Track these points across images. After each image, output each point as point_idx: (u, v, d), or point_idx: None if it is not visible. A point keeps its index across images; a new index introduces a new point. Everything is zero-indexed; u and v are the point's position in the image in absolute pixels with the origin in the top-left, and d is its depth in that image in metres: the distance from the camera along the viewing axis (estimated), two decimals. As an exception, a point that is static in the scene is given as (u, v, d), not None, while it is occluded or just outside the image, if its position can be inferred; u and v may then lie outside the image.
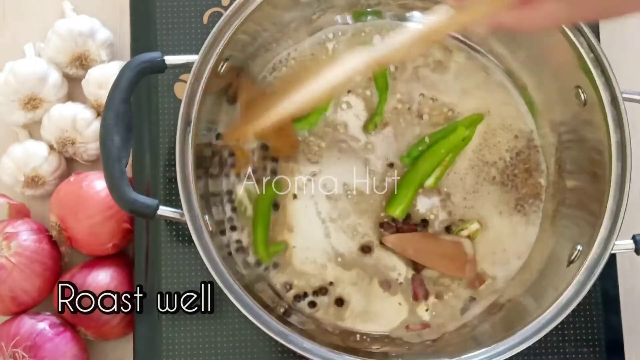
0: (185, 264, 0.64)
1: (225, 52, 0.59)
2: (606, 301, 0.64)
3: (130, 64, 0.57)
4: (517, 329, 0.57)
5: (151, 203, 0.56)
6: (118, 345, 0.67)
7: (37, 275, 0.63)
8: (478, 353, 0.56)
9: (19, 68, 0.66)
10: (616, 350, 0.63)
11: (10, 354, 0.60)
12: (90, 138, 0.67)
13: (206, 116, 0.61)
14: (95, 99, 0.67)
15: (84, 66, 0.68)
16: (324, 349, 0.56)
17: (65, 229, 0.64)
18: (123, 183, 0.55)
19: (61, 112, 0.66)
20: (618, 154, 0.58)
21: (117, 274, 0.64)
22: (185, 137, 0.58)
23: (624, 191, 0.57)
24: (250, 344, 0.63)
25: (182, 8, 0.67)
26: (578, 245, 0.59)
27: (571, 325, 0.63)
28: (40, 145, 0.67)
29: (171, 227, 0.64)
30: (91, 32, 0.68)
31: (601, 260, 0.57)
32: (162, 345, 0.63)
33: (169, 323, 0.63)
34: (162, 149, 0.65)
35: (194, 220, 0.57)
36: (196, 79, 0.58)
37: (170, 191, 0.65)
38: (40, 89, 0.67)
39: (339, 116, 0.66)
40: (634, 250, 0.58)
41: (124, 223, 0.64)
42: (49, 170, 0.67)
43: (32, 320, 0.62)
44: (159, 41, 0.67)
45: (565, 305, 0.57)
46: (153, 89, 0.66)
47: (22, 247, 0.63)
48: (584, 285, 0.57)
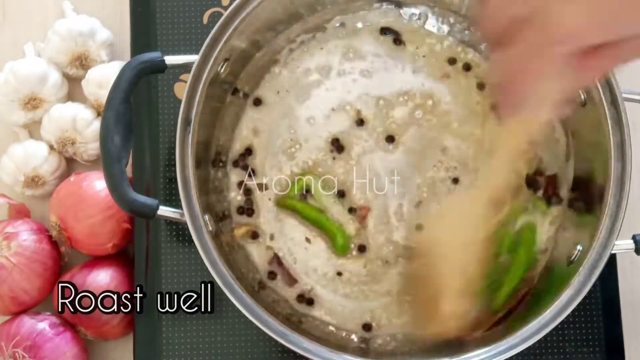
0: (185, 264, 0.64)
1: (225, 52, 0.59)
2: (606, 301, 0.64)
3: (130, 64, 0.57)
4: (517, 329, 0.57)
5: (151, 203, 0.56)
6: (118, 345, 0.67)
7: (37, 275, 0.63)
8: (478, 353, 0.56)
9: (19, 68, 0.66)
10: (616, 350, 0.63)
11: (10, 354, 0.60)
12: (90, 138, 0.67)
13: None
14: (95, 99, 0.67)
15: (84, 66, 0.68)
16: (324, 349, 0.56)
17: (65, 229, 0.64)
18: (123, 183, 0.55)
19: (61, 112, 0.66)
20: (618, 154, 0.58)
21: (117, 274, 0.64)
22: (185, 137, 0.58)
23: (624, 191, 0.57)
24: (250, 344, 0.63)
25: (182, 8, 0.67)
26: (578, 245, 0.59)
27: (571, 325, 0.63)
28: (40, 145, 0.67)
29: (171, 227, 0.64)
30: (91, 32, 0.68)
31: (601, 260, 0.57)
32: (162, 345, 0.63)
33: (169, 323, 0.63)
34: (162, 149, 0.65)
35: (194, 220, 0.57)
36: (196, 79, 0.58)
37: (170, 191, 0.65)
38: (40, 89, 0.67)
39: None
40: (634, 250, 0.58)
41: (124, 223, 0.64)
42: (49, 170, 0.67)
43: (32, 320, 0.62)
44: (159, 41, 0.67)
45: (565, 305, 0.57)
46: (153, 89, 0.66)
47: (22, 247, 0.63)
48: (584, 285, 0.57)
